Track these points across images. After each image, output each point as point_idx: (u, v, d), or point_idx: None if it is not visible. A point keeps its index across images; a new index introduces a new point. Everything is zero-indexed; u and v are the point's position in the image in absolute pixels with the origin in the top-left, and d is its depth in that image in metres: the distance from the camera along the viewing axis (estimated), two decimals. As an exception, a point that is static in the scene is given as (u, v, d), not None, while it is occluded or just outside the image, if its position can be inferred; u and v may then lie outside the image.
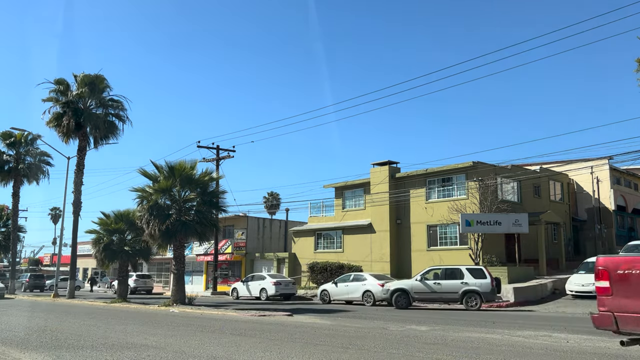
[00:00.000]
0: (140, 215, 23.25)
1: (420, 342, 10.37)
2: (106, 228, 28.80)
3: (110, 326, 14.05)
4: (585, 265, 24.20)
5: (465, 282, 20.84)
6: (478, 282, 20.60)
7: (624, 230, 35.65)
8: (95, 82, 31.69)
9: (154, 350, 9.31)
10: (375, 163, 33.95)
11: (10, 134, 40.18)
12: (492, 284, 20.49)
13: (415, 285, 21.79)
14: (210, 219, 24.15)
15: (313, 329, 13.08)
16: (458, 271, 21.44)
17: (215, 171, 32.76)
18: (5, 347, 9.83)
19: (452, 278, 21.25)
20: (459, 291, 20.75)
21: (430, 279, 21.68)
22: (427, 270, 22.54)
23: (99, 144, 32.68)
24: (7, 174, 40.36)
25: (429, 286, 21.44)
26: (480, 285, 20.50)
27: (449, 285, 21.11)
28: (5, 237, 45.77)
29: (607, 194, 34.49)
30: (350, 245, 34.13)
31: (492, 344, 9.99)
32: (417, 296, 21.76)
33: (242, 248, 41.58)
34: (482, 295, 20.43)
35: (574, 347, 9.66)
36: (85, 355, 8.72)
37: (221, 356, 8.58)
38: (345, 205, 35.86)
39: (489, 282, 20.46)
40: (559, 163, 33.21)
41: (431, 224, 30.64)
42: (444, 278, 21.44)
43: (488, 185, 28.13)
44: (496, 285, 20.91)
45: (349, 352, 9.04)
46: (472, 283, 20.68)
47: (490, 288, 20.40)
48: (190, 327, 13.76)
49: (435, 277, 21.72)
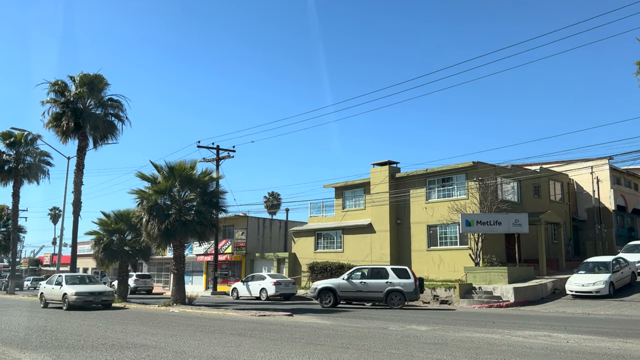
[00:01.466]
0: (140, 216, 23.22)
1: (420, 342, 10.37)
2: (106, 228, 28.79)
3: (110, 326, 14.05)
4: (585, 265, 24.19)
5: (389, 281, 21.34)
6: (402, 282, 21.14)
7: (624, 230, 35.65)
8: (94, 82, 31.63)
9: (154, 350, 9.31)
10: (375, 163, 33.96)
11: (10, 134, 40.16)
12: (416, 283, 21.11)
13: (342, 284, 22.16)
14: (210, 219, 24.13)
15: (313, 329, 13.08)
16: (384, 271, 21.94)
17: (215, 171, 32.74)
18: (5, 347, 9.83)
19: (377, 277, 21.72)
20: (384, 290, 21.24)
21: (357, 278, 22.10)
22: (354, 269, 23.09)
23: (98, 144, 32.63)
24: (7, 174, 40.33)
25: (356, 285, 21.87)
26: (404, 285, 21.04)
27: (374, 284, 21.55)
28: (5, 237, 45.73)
29: (607, 194, 34.48)
30: (350, 245, 34.12)
31: (492, 344, 9.99)
32: (343, 295, 22.14)
33: (242, 248, 41.57)
34: (405, 294, 20.97)
35: (574, 347, 9.66)
36: (85, 355, 8.71)
37: (221, 356, 8.57)
38: (345, 205, 35.86)
39: (412, 282, 21.06)
40: (559, 163, 33.20)
41: (431, 224, 30.63)
42: (370, 277, 21.92)
43: (488, 185, 28.12)
44: (419, 285, 21.57)
45: (349, 352, 9.04)
46: (396, 283, 21.21)
47: (413, 288, 21.01)
48: (190, 327, 13.76)
49: (362, 276, 22.15)
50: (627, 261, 24.62)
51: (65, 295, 21.69)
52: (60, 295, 22.10)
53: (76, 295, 21.34)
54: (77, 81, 32.00)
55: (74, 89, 31.90)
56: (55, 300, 22.74)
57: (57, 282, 23.31)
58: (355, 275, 22.27)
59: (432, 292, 24.90)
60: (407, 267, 22.27)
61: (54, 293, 22.94)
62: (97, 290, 22.33)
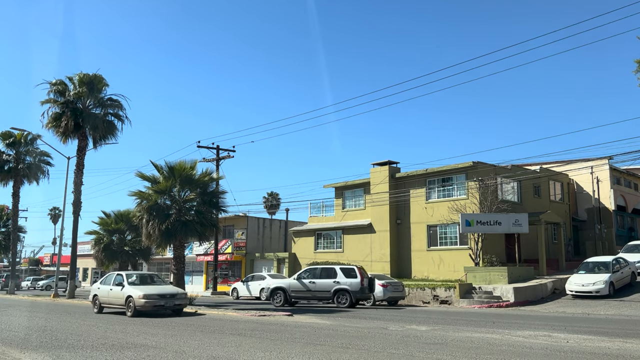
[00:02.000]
0: (140, 216, 23.21)
1: (420, 342, 10.37)
2: (106, 228, 28.84)
3: (110, 326, 14.05)
4: (585, 265, 24.19)
5: (337, 281, 21.66)
6: (349, 282, 21.42)
7: (624, 230, 35.65)
8: (93, 82, 31.64)
9: (154, 350, 9.31)
10: (375, 163, 33.97)
11: (10, 134, 40.17)
12: (362, 283, 21.29)
13: (293, 284, 22.53)
14: (210, 219, 24.14)
15: (313, 329, 13.07)
16: (332, 270, 22.23)
17: (216, 171, 32.76)
18: (5, 347, 9.83)
19: (326, 277, 22.04)
20: (331, 290, 21.61)
21: (306, 278, 22.45)
22: (305, 269, 23.58)
23: (98, 144, 32.64)
24: (7, 174, 40.34)
25: (305, 285, 22.22)
26: (351, 284, 21.31)
27: (322, 284, 21.93)
28: (5, 237, 45.78)
29: (607, 194, 34.48)
30: (350, 245, 34.13)
31: (492, 344, 9.99)
32: (294, 294, 22.48)
33: (242, 248, 41.57)
34: (352, 293, 21.21)
35: (574, 347, 9.66)
36: (85, 355, 8.71)
37: (221, 356, 8.57)
38: (345, 205, 35.86)
39: (359, 282, 21.28)
40: (559, 163, 33.20)
41: (431, 224, 30.64)
42: (320, 277, 22.24)
43: (488, 185, 28.13)
44: (369, 284, 21.76)
45: (349, 352, 9.04)
46: (343, 282, 21.50)
47: (359, 287, 21.20)
48: (190, 327, 13.75)
49: (312, 276, 22.50)
50: (627, 261, 24.63)
51: (130, 298, 17.64)
52: (123, 298, 18.07)
53: (145, 299, 17.27)
54: (76, 81, 32.00)
55: (73, 89, 31.90)
56: (115, 305, 18.73)
57: (116, 282, 19.06)
58: (306, 275, 22.65)
59: (432, 292, 24.90)
60: (355, 267, 22.45)
61: (112, 296, 18.78)
62: (168, 292, 18.13)
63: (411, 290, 25.64)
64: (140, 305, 17.27)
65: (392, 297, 23.69)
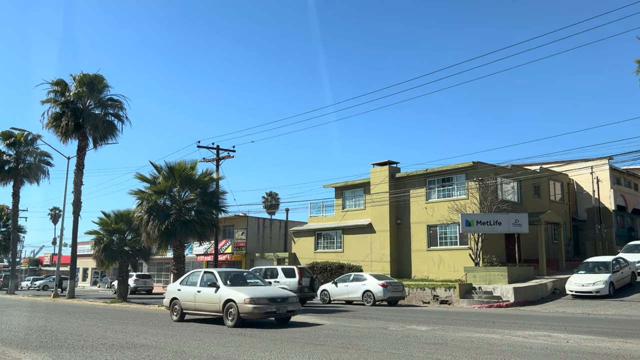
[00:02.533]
0: (140, 216, 23.19)
1: (420, 342, 10.37)
2: (106, 228, 28.79)
3: (110, 326, 14.04)
4: (585, 265, 24.19)
5: (277, 281, 22.92)
6: (288, 281, 22.69)
7: (624, 230, 35.65)
8: (94, 82, 31.65)
9: (154, 350, 9.31)
10: (375, 163, 33.96)
11: (10, 134, 40.19)
12: (300, 282, 22.58)
13: None
14: (210, 219, 24.14)
15: (313, 329, 13.07)
16: (275, 271, 23.70)
17: (216, 171, 32.73)
18: (5, 347, 9.83)
19: (270, 277, 23.33)
20: None
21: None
22: (253, 269, 24.60)
23: (98, 144, 32.67)
24: (7, 174, 40.37)
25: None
26: (289, 283, 22.42)
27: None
28: (5, 237, 45.78)
29: (607, 194, 34.48)
30: (350, 245, 34.12)
31: (492, 344, 9.99)
32: None
33: (242, 248, 41.57)
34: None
35: (574, 347, 9.66)
36: (85, 355, 8.71)
37: (221, 356, 8.57)
38: (345, 205, 35.86)
39: (297, 281, 22.64)
40: (559, 163, 33.20)
41: (431, 224, 30.64)
42: (264, 277, 23.16)
43: (488, 185, 28.13)
44: (310, 284, 23.15)
45: (349, 352, 9.04)
46: (283, 282, 22.68)
47: (297, 286, 22.38)
48: (190, 327, 13.74)
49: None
50: (627, 261, 24.62)
51: (231, 303, 13.48)
52: (219, 303, 13.90)
53: (253, 304, 13.14)
54: (76, 81, 32.01)
55: (73, 89, 31.91)
56: (206, 312, 14.61)
57: (207, 282, 14.76)
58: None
59: (432, 292, 24.90)
60: (295, 267, 23.56)
61: (202, 299, 14.58)
62: (279, 295, 14.06)
63: (411, 290, 25.64)
64: (247, 312, 13.19)
65: (392, 297, 23.71)
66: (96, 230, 28.95)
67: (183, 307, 15.33)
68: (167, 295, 16.44)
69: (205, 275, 15.18)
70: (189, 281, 15.71)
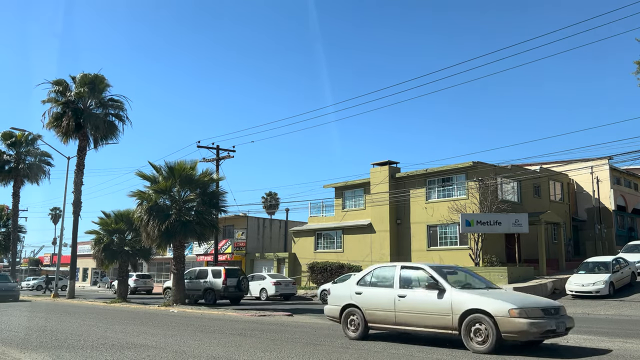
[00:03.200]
0: (140, 216, 23.16)
1: (420, 342, 10.36)
2: (106, 228, 28.77)
3: (110, 326, 14.05)
4: (585, 265, 24.19)
5: (207, 281, 25.01)
6: (214, 281, 24.73)
7: (624, 230, 35.66)
8: (94, 82, 31.65)
9: (154, 350, 9.31)
10: (375, 163, 33.96)
11: (10, 134, 40.23)
12: (224, 282, 24.44)
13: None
14: (210, 219, 24.12)
15: (313, 329, 13.08)
16: (205, 272, 25.71)
17: (216, 171, 32.74)
18: (5, 347, 9.83)
19: (201, 277, 25.49)
20: (202, 289, 25.12)
21: (187, 278, 25.34)
22: (187, 270, 26.26)
23: (98, 144, 32.68)
24: (8, 174, 40.40)
25: (186, 284, 24.67)
26: (215, 283, 24.64)
27: (196, 283, 25.37)
28: (5, 237, 45.77)
29: (607, 194, 34.49)
30: (350, 245, 34.13)
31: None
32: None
33: (242, 248, 41.57)
34: (216, 292, 24.63)
35: (574, 347, 9.66)
36: (85, 355, 8.71)
37: (221, 356, 8.57)
38: (345, 205, 35.86)
39: (221, 281, 24.47)
40: (559, 163, 33.20)
41: (431, 224, 30.63)
42: (196, 277, 25.71)
43: (488, 185, 28.13)
44: (237, 284, 24.84)
45: (349, 352, 9.04)
46: (210, 282, 24.84)
47: (222, 286, 24.40)
48: (190, 327, 13.76)
49: (191, 277, 25.76)
50: (627, 261, 24.62)
51: (479, 316, 8.86)
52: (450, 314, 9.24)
53: (526, 318, 8.55)
54: (77, 81, 32.02)
55: (74, 89, 31.92)
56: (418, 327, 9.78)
57: (419, 281, 10.08)
58: (187, 276, 25.47)
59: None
60: (221, 269, 25.33)
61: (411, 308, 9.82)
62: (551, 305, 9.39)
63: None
64: (517, 330, 8.57)
65: None
66: (96, 230, 28.94)
67: (369, 319, 10.56)
68: (333, 300, 11.49)
69: (408, 273, 10.37)
70: (376, 281, 10.81)
